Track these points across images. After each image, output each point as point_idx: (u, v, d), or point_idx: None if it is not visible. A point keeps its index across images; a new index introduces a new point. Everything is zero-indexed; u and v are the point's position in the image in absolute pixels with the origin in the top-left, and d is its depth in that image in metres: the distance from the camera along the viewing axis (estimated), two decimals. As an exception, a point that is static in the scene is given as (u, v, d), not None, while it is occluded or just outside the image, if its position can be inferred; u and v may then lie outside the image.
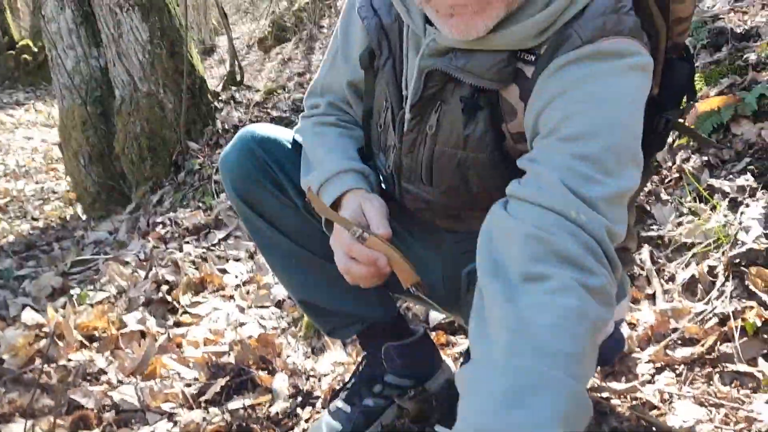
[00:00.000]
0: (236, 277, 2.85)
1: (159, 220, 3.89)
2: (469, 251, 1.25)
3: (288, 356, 2.02)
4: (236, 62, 5.85)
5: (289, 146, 1.37)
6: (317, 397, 1.75)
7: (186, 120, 4.43)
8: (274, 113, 4.91)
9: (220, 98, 5.19)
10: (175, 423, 1.68)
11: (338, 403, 1.56)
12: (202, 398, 1.79)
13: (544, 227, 0.86)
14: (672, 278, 1.85)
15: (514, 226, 0.89)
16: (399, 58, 1.14)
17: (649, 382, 1.52)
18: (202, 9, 10.57)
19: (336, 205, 1.21)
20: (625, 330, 1.66)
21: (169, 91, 4.43)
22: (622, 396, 1.47)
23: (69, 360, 2.12)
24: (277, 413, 1.67)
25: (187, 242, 3.42)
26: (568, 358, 0.76)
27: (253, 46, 9.64)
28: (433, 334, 1.84)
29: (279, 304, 2.46)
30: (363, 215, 1.16)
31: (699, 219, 1.85)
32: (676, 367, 1.54)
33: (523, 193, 0.92)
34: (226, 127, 4.80)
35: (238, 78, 5.76)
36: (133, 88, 4.36)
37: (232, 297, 2.65)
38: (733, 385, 1.43)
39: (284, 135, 1.38)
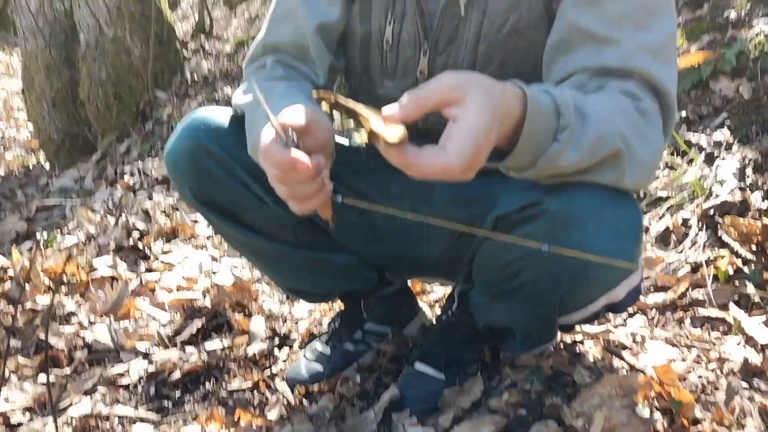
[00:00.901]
0: (208, 226, 2.81)
1: (127, 169, 3.81)
2: (462, 199, 1.25)
3: (264, 302, 2.01)
4: (205, 10, 5.69)
5: (244, 134, 1.16)
6: (294, 340, 1.75)
7: (153, 68, 4.31)
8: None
9: (188, 47, 5.05)
10: (151, 362, 1.66)
11: (317, 345, 1.56)
12: (178, 338, 1.77)
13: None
14: (646, 230, 1.88)
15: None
16: None
17: (622, 325, 1.56)
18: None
19: None
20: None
21: (136, 37, 4.29)
22: (595, 338, 1.50)
23: (36, 303, 2.08)
24: (255, 354, 1.67)
25: (157, 192, 3.36)
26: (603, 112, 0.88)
27: (217, 2, 9.36)
28: (409, 282, 1.84)
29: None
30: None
31: (675, 172, 1.88)
32: (648, 311, 1.58)
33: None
34: (196, 77, 4.69)
35: (207, 27, 5.61)
36: (98, 32, 4.21)
37: (204, 246, 2.62)
38: (704, 328, 1.47)
39: (237, 120, 1.20)
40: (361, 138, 0.72)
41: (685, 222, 1.76)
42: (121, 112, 4.31)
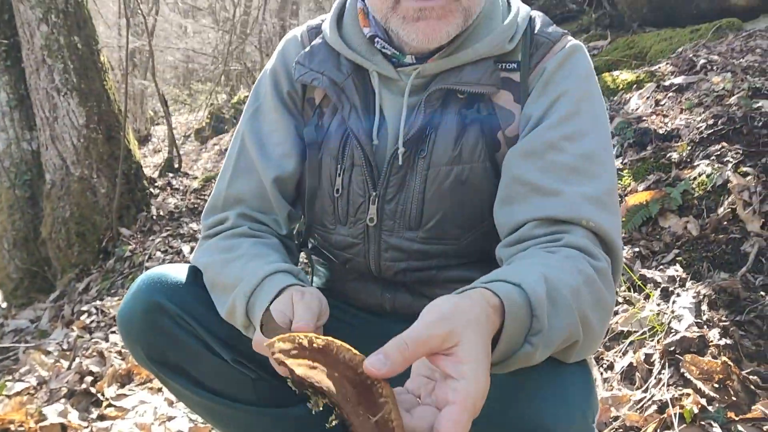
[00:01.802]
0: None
1: (84, 308, 3.72)
2: None
3: (221, 451, 1.91)
4: (174, 149, 5.83)
5: (203, 290, 1.16)
6: (253, 495, 1.65)
7: (119, 205, 4.33)
8: (212, 201, 4.87)
9: (156, 184, 5.12)
10: None
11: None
12: (127, 498, 1.66)
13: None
14: (611, 366, 1.88)
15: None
16: (362, 110, 1.15)
17: (594, 472, 1.51)
18: (138, 98, 10.57)
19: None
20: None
21: (102, 176, 4.35)
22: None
23: (-23, 458, 1.95)
24: None
25: (114, 332, 3.27)
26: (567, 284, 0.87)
27: (189, 137, 9.64)
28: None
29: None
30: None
31: (634, 308, 1.91)
32: (620, 455, 1.54)
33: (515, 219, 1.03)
34: (161, 213, 4.72)
35: (176, 165, 5.73)
36: (65, 172, 4.26)
37: (160, 389, 2.52)
38: (675, 473, 1.43)
39: (194, 277, 1.19)
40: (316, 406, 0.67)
41: (648, 358, 1.76)
42: (82, 250, 4.28)
